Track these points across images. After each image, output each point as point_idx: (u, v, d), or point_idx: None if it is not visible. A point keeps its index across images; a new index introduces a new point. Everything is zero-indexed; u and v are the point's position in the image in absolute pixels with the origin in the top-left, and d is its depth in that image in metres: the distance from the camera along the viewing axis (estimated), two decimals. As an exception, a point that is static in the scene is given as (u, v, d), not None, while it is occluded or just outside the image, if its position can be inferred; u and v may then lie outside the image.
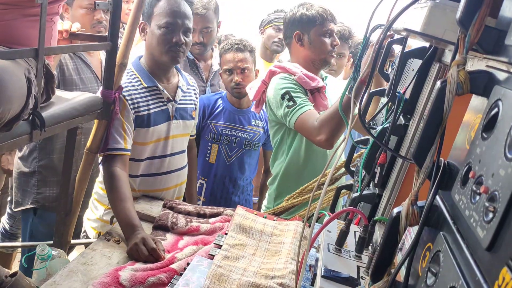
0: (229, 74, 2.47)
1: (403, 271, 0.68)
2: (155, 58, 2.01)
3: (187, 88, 2.18)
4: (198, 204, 2.54)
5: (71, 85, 2.21)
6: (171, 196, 2.17)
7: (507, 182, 0.46)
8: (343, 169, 1.96)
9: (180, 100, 2.11)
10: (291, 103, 2.01)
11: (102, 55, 2.36)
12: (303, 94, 2.06)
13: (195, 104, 2.24)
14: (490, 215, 0.47)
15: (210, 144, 2.54)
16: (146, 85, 1.99)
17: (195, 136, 2.40)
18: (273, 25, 3.28)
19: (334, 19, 2.23)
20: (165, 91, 2.03)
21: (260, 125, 2.61)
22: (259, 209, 2.67)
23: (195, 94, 2.26)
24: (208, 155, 2.54)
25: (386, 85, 1.48)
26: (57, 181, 2.19)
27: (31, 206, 2.24)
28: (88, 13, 2.16)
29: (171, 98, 2.07)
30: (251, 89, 2.29)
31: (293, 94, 2.02)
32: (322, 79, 2.27)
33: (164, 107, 2.04)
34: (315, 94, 2.11)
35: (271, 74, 2.19)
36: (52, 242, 1.96)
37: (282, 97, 2.04)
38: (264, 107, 2.32)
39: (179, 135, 2.14)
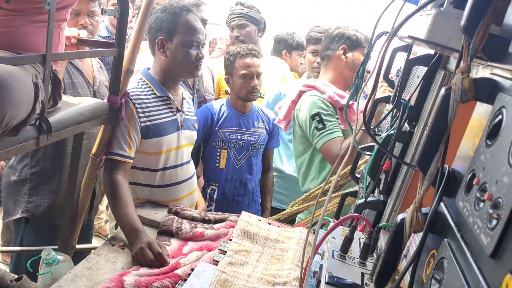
0: (246, 79, 2.50)
1: (407, 278, 0.68)
2: (175, 72, 2.07)
3: (189, 101, 2.26)
4: (211, 209, 2.57)
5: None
6: (185, 205, 2.18)
7: (511, 189, 0.46)
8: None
9: (186, 110, 2.17)
10: (320, 125, 2.09)
11: (93, 59, 2.37)
12: (333, 117, 2.12)
13: (195, 116, 2.31)
14: (494, 222, 0.47)
15: (219, 150, 2.58)
16: (158, 94, 2.03)
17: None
18: (228, 27, 3.29)
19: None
20: (175, 101, 2.08)
21: (263, 127, 2.66)
22: (264, 209, 2.70)
23: (192, 107, 2.32)
24: (217, 161, 2.59)
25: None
26: (49, 190, 2.17)
27: (22, 215, 2.19)
28: (71, 18, 2.16)
29: (180, 108, 2.11)
30: (281, 109, 2.37)
31: (323, 117, 2.10)
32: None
33: (174, 117, 2.08)
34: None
35: (301, 93, 2.25)
36: (57, 246, 1.97)
37: (312, 117, 2.11)
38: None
39: (187, 145, 2.18)
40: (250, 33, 3.25)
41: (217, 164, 2.59)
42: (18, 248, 2.24)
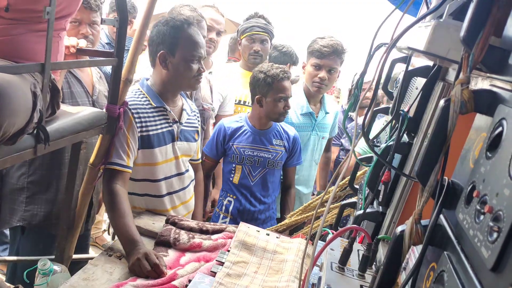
0: (282, 102, 2.48)
1: (406, 291, 0.67)
2: (175, 85, 2.07)
3: (191, 112, 2.24)
4: (225, 221, 2.56)
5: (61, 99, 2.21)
6: (179, 213, 2.18)
7: (512, 201, 0.46)
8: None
9: (185, 122, 2.16)
10: None
11: (93, 69, 2.36)
12: None
13: (198, 128, 2.29)
14: (495, 235, 0.47)
15: (234, 165, 2.58)
16: (154, 105, 2.02)
17: (200, 161, 2.43)
18: (246, 36, 3.17)
19: None
20: (171, 112, 2.07)
21: (282, 144, 2.62)
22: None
23: (197, 119, 2.31)
24: (232, 175, 2.58)
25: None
26: (45, 199, 2.16)
27: (18, 224, 2.17)
28: (73, 28, 2.17)
29: (177, 119, 2.10)
30: None
31: None
32: None
33: (170, 128, 2.07)
34: None
35: None
36: (54, 256, 1.95)
37: None
38: None
39: (183, 155, 2.17)
40: (267, 50, 3.22)
41: (231, 179, 2.59)
42: (15, 257, 2.22)
